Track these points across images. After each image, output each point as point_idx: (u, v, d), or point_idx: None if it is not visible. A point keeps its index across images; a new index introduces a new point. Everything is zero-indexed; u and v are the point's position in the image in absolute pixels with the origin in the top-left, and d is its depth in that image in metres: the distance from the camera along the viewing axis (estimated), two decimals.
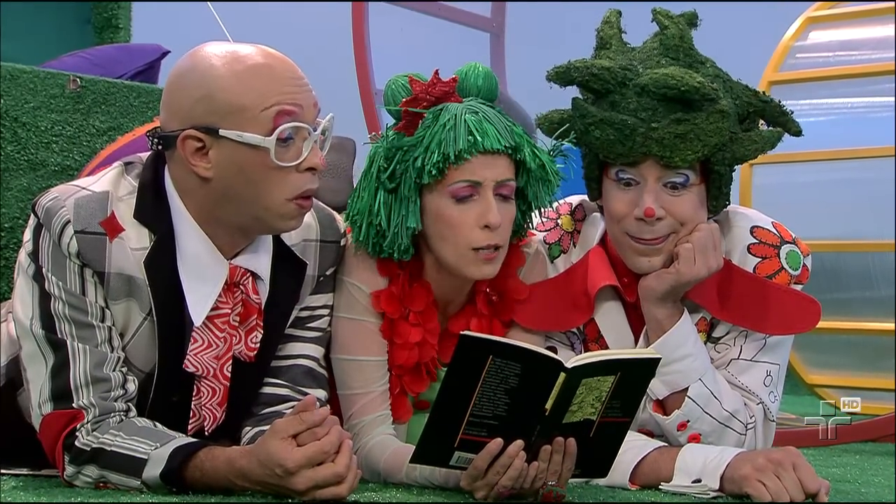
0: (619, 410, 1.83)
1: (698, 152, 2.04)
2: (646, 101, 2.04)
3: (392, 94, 2.09)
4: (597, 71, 2.07)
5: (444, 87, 2.07)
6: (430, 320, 2.13)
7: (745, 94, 2.13)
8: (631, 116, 2.04)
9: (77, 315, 1.86)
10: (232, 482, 1.76)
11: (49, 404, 1.86)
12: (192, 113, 1.84)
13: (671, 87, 2.01)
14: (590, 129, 2.07)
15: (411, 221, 2.03)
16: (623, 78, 2.07)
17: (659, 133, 2.02)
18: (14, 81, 3.39)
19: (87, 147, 3.50)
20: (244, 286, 1.94)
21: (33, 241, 1.87)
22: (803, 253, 2.19)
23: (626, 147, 2.04)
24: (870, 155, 4.18)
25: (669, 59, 2.08)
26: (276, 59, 1.87)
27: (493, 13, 5.36)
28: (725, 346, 2.17)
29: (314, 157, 1.87)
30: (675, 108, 2.03)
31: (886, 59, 4.20)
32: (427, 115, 2.04)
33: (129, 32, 4.77)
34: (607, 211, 2.13)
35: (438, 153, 1.99)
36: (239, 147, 1.83)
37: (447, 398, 1.75)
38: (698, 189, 2.09)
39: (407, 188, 2.03)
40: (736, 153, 2.09)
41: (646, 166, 2.06)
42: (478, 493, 1.81)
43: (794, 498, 1.86)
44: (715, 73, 2.10)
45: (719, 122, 2.04)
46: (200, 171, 1.85)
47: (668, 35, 2.10)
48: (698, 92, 2.00)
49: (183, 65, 1.88)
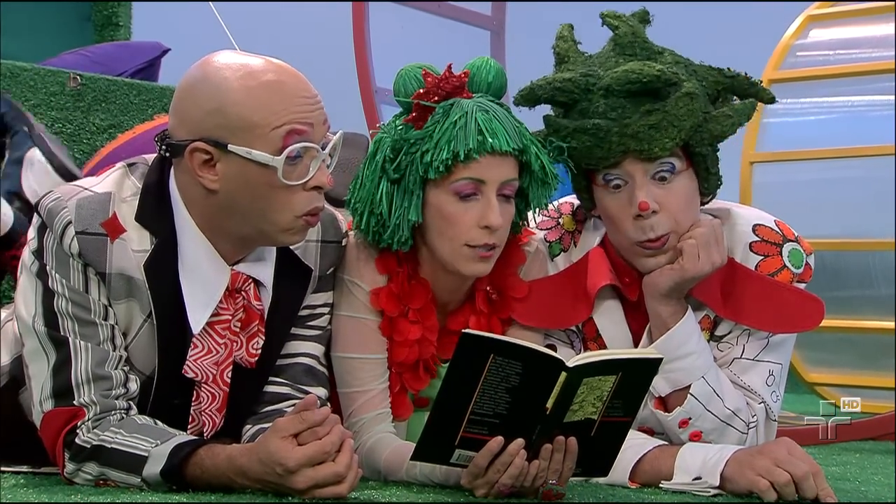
0: (620, 410, 1.83)
1: (675, 138, 2.04)
2: (613, 100, 2.05)
3: (403, 85, 2.08)
4: (559, 84, 2.08)
5: (456, 81, 2.06)
6: (429, 318, 2.13)
7: (709, 73, 2.13)
8: (602, 119, 2.05)
9: (80, 312, 1.86)
10: (232, 480, 1.76)
11: (50, 401, 1.86)
12: (201, 125, 1.83)
13: (633, 80, 2.02)
14: (566, 142, 2.09)
15: (412, 214, 2.03)
16: (586, 84, 2.08)
17: (632, 128, 2.03)
18: (14, 79, 3.39)
19: (88, 145, 3.51)
20: (246, 292, 1.94)
21: (37, 240, 1.87)
22: (806, 251, 2.19)
23: (604, 150, 2.05)
24: (870, 153, 4.19)
25: (626, 57, 2.10)
26: (288, 74, 1.86)
27: (493, 11, 5.36)
28: (728, 345, 2.17)
29: (321, 176, 1.86)
30: (643, 100, 2.04)
31: (887, 57, 4.20)
32: (437, 110, 2.04)
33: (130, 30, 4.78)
34: (606, 219, 2.14)
35: (448, 150, 1.99)
36: (247, 163, 1.82)
37: (448, 396, 1.75)
38: (687, 174, 2.09)
39: (412, 181, 2.03)
40: (713, 131, 2.10)
41: (628, 164, 2.06)
42: (478, 491, 1.81)
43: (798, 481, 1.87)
44: (675, 59, 2.12)
45: (689, 104, 2.05)
46: (207, 182, 1.84)
47: (619, 34, 2.13)
48: (660, 80, 2.02)
49: (195, 74, 1.87)
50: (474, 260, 2.04)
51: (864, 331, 4.17)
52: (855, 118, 4.35)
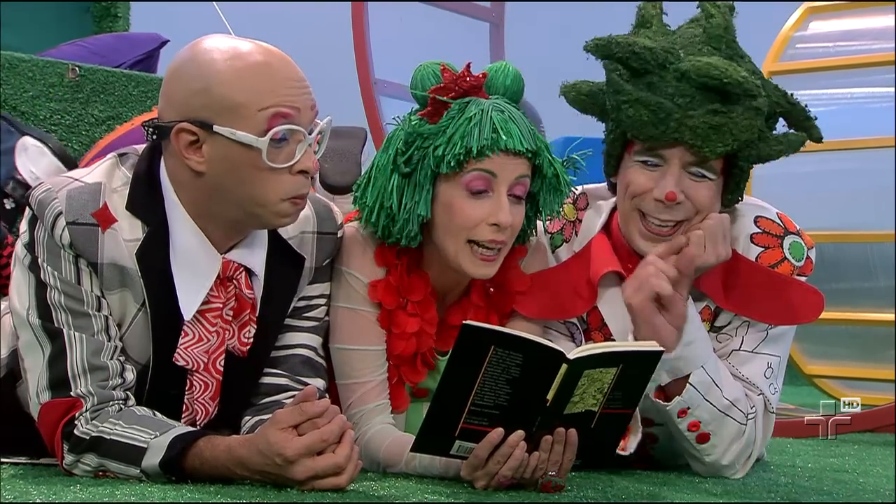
0: (620, 402, 1.83)
1: (729, 145, 2.04)
2: (685, 87, 2.03)
3: (421, 79, 2.07)
4: (639, 49, 2.05)
5: (473, 80, 2.05)
6: (428, 310, 2.13)
7: (775, 93, 2.13)
8: (668, 100, 2.03)
9: (73, 304, 1.85)
10: (231, 471, 1.76)
11: (47, 393, 1.85)
12: (187, 105, 1.83)
13: (714, 77, 2.00)
14: (622, 107, 2.06)
15: (422, 209, 2.03)
16: (664, 60, 2.06)
17: (694, 121, 2.02)
18: (13, 70, 3.39)
19: (86, 136, 3.51)
20: (237, 281, 1.93)
21: (29, 232, 1.87)
22: (807, 245, 2.19)
23: (659, 130, 2.04)
24: (870, 145, 4.18)
25: (711, 49, 2.08)
26: (276, 57, 1.85)
27: (492, 3, 5.35)
28: (727, 336, 2.17)
29: (307, 161, 1.85)
30: (713, 98, 2.03)
31: (887, 49, 4.19)
32: (453, 106, 2.03)
33: (128, 21, 4.77)
34: (623, 186, 2.12)
35: (461, 145, 1.98)
36: (232, 144, 1.81)
37: (448, 387, 1.75)
38: (717, 182, 2.09)
39: (423, 175, 2.02)
40: (762, 152, 2.10)
41: (673, 152, 2.06)
42: (478, 482, 1.81)
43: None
44: (753, 69, 2.10)
45: (753, 118, 2.04)
46: (193, 164, 1.84)
47: (712, 24, 2.10)
48: (741, 86, 2.00)
49: (184, 55, 1.87)
50: (478, 262, 2.03)
51: (863, 323, 4.17)
52: (855, 110, 4.34)
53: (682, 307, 2.04)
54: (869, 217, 4.24)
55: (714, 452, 2.10)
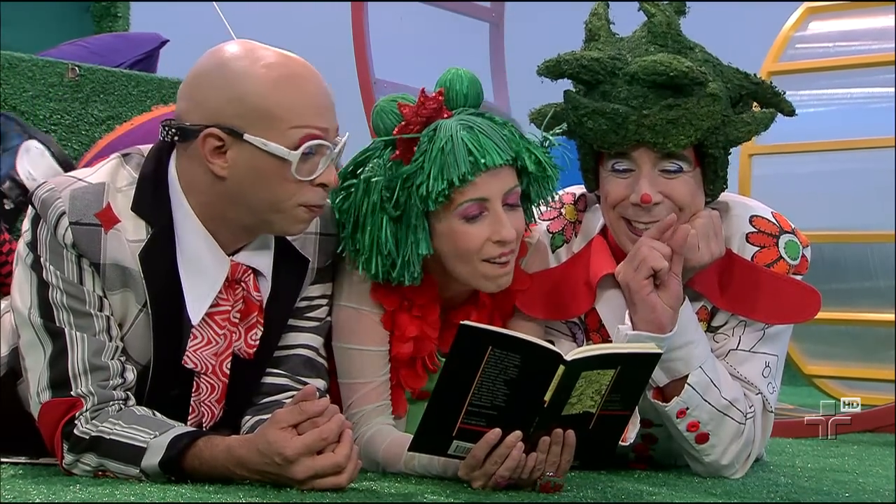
0: (618, 404, 1.83)
1: (691, 136, 2.04)
2: (636, 88, 2.05)
3: (382, 121, 2.04)
4: (586, 62, 2.07)
5: (433, 104, 2.02)
6: (432, 313, 2.13)
7: (735, 77, 2.13)
8: (622, 105, 2.05)
9: (75, 304, 1.86)
10: (231, 471, 1.76)
11: (47, 392, 1.86)
12: (219, 112, 1.83)
13: (660, 73, 2.01)
14: (582, 121, 2.08)
15: (423, 248, 2.00)
16: (612, 67, 2.07)
17: (651, 119, 2.03)
18: (13, 70, 3.39)
19: (86, 136, 3.51)
20: (245, 283, 1.94)
21: (31, 231, 1.87)
22: (802, 244, 2.19)
23: (620, 136, 2.05)
24: (869, 146, 4.18)
25: (658, 47, 2.09)
26: (310, 73, 1.87)
27: (492, 3, 5.35)
28: (724, 336, 2.17)
29: (329, 175, 1.87)
30: (666, 94, 2.04)
31: (886, 49, 4.19)
32: (422, 138, 2.00)
33: (128, 21, 4.77)
34: (604, 197, 2.14)
35: (442, 180, 1.96)
36: (260, 153, 1.82)
37: (446, 387, 1.75)
38: (694, 174, 2.09)
39: (414, 215, 2.00)
40: (729, 136, 2.10)
41: (640, 153, 2.06)
42: (475, 482, 1.82)
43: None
44: (704, 57, 2.11)
45: (710, 105, 2.04)
46: (216, 169, 1.84)
47: (654, 23, 2.11)
48: (687, 76, 2.01)
49: (214, 59, 1.86)
50: (495, 277, 2.02)
51: (863, 323, 4.17)
52: (854, 110, 4.34)
53: (677, 286, 2.05)
54: (869, 217, 4.24)
55: (713, 452, 2.11)
